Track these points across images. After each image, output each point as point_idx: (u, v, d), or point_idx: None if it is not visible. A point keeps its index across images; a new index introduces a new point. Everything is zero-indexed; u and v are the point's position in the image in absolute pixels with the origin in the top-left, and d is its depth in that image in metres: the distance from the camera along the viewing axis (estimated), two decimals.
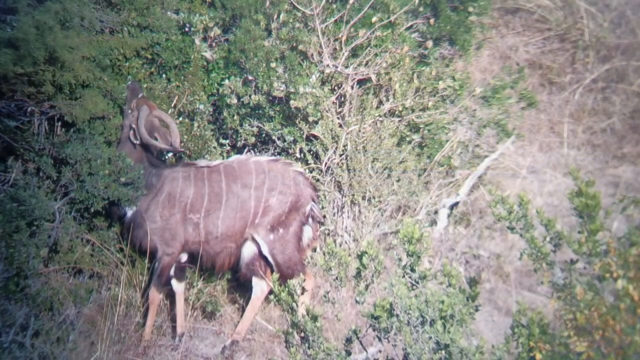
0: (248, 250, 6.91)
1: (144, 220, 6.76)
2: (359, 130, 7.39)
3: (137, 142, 6.75)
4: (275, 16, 7.38)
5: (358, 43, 7.39)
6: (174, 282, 6.86)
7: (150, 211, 6.77)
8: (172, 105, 7.14)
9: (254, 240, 6.88)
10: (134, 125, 6.73)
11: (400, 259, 4.75)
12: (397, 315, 4.54)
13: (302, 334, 4.80)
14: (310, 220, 6.95)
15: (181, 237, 6.79)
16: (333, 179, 7.44)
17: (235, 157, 7.08)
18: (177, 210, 6.78)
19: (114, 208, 6.71)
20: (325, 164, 7.42)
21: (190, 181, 6.81)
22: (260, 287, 6.93)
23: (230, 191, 6.81)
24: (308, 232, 6.97)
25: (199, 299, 7.04)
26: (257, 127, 7.54)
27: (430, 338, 4.45)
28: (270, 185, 6.85)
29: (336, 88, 7.47)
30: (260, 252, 6.89)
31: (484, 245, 7.67)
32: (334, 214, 7.46)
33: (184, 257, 6.90)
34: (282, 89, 7.33)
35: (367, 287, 4.86)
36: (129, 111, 6.77)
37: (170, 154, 7.12)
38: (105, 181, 6.43)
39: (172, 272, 6.86)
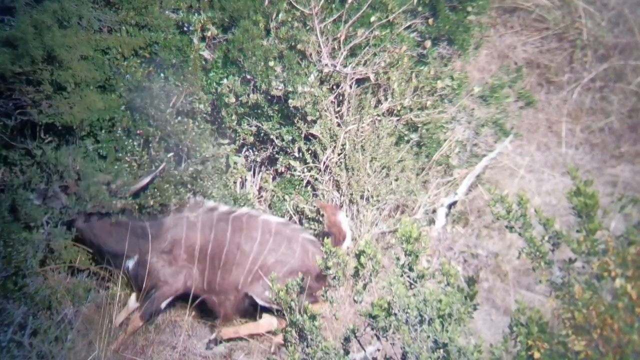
0: (250, 302, 6.73)
1: (146, 262, 6.59)
2: (358, 130, 7.40)
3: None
4: (274, 15, 7.37)
5: (357, 42, 7.39)
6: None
7: (153, 252, 6.59)
8: (171, 104, 7.13)
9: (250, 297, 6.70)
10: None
11: (398, 258, 4.75)
12: (396, 314, 4.54)
13: (301, 333, 4.81)
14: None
15: (183, 276, 6.61)
16: (331, 178, 7.44)
17: (245, 211, 6.82)
18: (183, 252, 6.61)
19: (117, 260, 6.61)
20: (324, 163, 7.42)
21: (197, 227, 6.62)
22: (269, 320, 6.75)
23: (232, 242, 6.61)
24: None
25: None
26: (256, 126, 7.54)
27: (429, 337, 4.46)
28: (272, 247, 6.64)
29: (335, 87, 7.47)
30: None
31: (482, 244, 7.68)
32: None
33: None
34: (280, 88, 7.32)
35: (365, 286, 4.86)
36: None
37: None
38: (94, 190, 6.32)
39: (164, 305, 6.67)
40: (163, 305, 6.66)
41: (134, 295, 6.71)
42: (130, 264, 6.63)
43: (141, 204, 6.65)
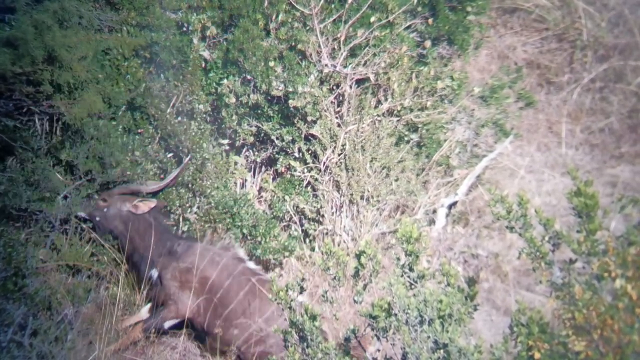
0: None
1: (163, 277, 6.52)
2: (358, 130, 7.40)
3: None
4: (274, 16, 7.37)
5: (356, 43, 7.39)
6: None
7: (171, 269, 6.51)
8: (171, 104, 7.13)
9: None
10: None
11: (398, 259, 4.74)
12: (396, 315, 4.53)
13: (301, 334, 4.80)
14: None
15: (191, 303, 6.42)
16: (331, 178, 7.44)
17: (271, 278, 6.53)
18: (196, 281, 6.43)
19: (142, 261, 6.61)
20: (324, 163, 7.42)
21: (217, 266, 6.47)
22: None
23: (241, 302, 6.40)
24: None
25: None
26: (256, 126, 7.54)
27: (429, 337, 4.45)
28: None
29: (335, 88, 7.47)
30: None
31: (483, 244, 7.68)
32: (333, 213, 7.46)
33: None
34: (280, 88, 7.32)
35: (365, 286, 4.85)
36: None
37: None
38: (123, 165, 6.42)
39: (168, 325, 6.51)
40: (167, 325, 6.50)
41: (148, 306, 6.61)
42: (155, 273, 6.57)
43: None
